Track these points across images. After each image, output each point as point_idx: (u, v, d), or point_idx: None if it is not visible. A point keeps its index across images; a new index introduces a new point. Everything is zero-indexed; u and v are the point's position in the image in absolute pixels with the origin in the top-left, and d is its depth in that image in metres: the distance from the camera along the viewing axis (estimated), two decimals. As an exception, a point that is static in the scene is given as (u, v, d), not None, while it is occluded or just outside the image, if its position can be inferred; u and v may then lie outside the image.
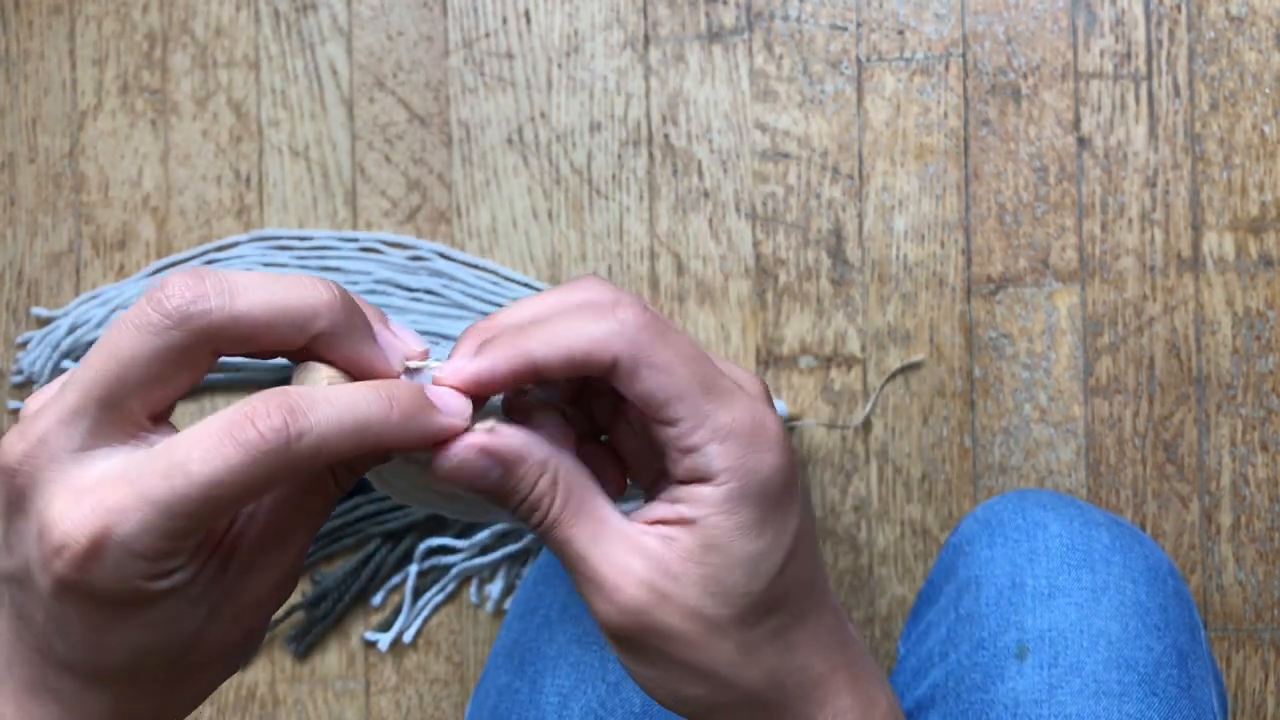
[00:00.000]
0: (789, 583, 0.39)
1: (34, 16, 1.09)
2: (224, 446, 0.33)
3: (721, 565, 0.38)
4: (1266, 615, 0.97)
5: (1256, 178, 0.96)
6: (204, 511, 0.33)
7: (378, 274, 1.03)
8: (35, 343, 1.07)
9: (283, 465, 0.33)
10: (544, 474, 0.38)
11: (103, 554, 0.33)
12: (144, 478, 0.33)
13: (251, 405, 0.33)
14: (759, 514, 0.38)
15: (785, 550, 0.39)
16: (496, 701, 0.66)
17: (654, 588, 0.38)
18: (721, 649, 0.39)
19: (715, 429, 0.37)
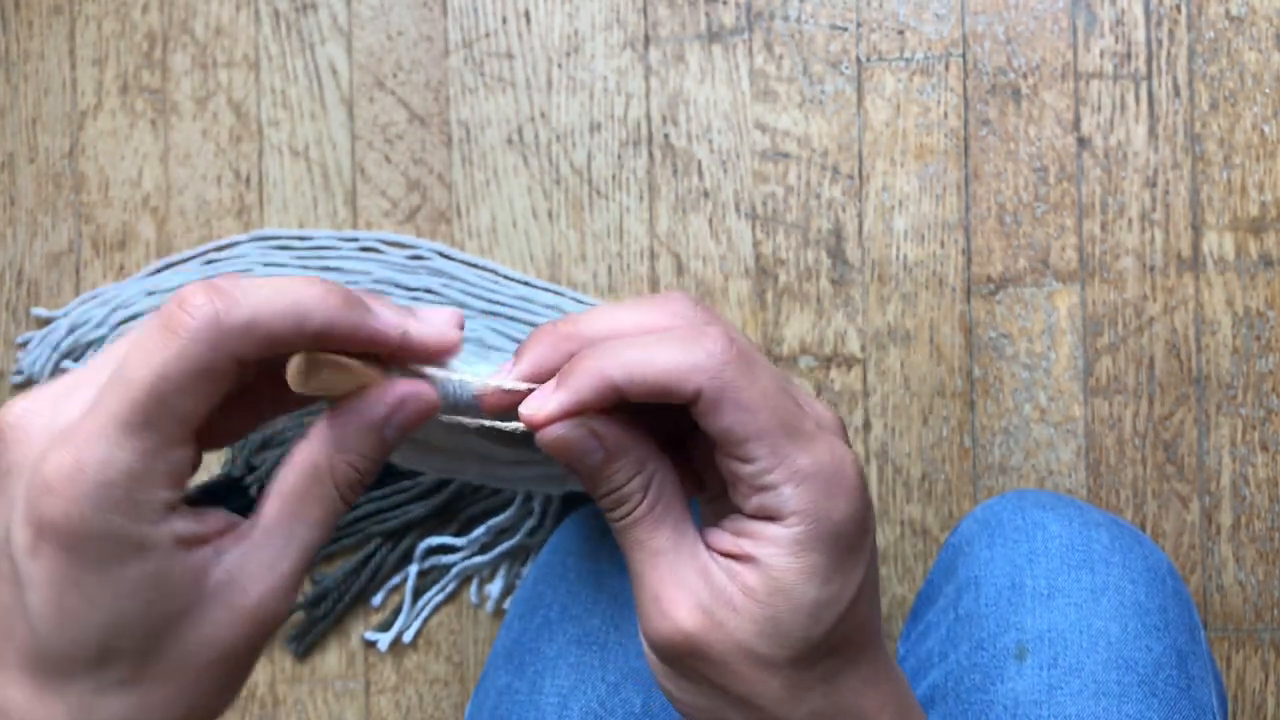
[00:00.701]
0: (849, 629, 0.39)
1: (34, 16, 1.09)
2: (158, 339, 0.33)
3: (783, 608, 0.37)
4: (1266, 615, 0.97)
5: (1256, 177, 0.96)
6: (159, 410, 0.33)
7: (377, 273, 1.03)
8: (35, 343, 1.07)
9: (218, 342, 0.33)
10: (640, 473, 0.38)
11: (79, 487, 0.32)
12: (100, 403, 0.33)
13: (180, 294, 0.33)
14: (828, 561, 0.37)
15: (850, 598, 0.38)
16: (496, 702, 0.66)
17: (711, 615, 0.37)
18: (769, 686, 0.38)
19: (793, 472, 0.37)
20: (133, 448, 0.33)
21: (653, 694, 0.63)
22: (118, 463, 0.32)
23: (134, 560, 0.34)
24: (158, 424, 0.33)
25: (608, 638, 0.65)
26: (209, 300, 0.33)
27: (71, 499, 0.32)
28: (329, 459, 0.38)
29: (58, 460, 0.32)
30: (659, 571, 0.38)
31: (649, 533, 0.38)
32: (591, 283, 1.02)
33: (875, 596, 0.40)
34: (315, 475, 0.38)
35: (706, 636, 0.37)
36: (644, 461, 0.38)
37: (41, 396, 0.35)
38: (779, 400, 0.37)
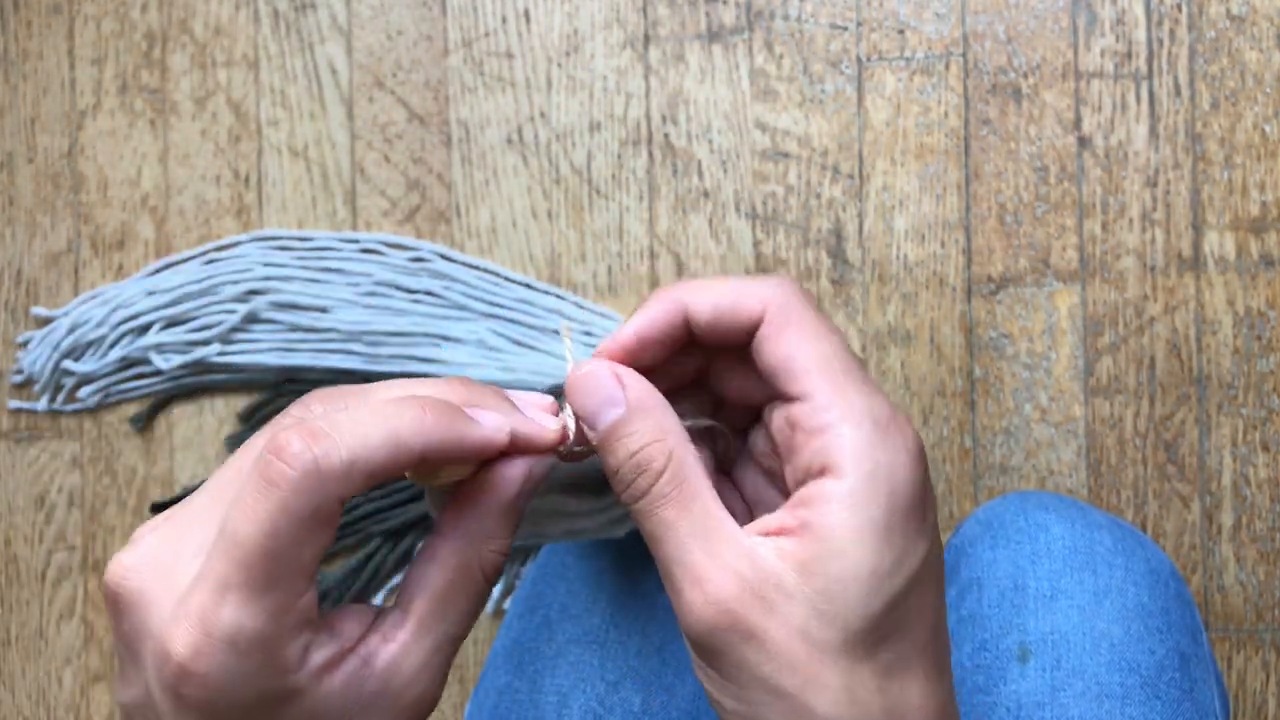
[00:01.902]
0: (910, 612, 0.35)
1: (33, 16, 1.09)
2: (259, 494, 0.32)
3: (837, 576, 0.34)
4: (1267, 616, 0.97)
5: (1257, 177, 0.96)
6: (276, 571, 0.32)
7: (379, 275, 1.03)
8: (36, 343, 1.06)
9: (322, 488, 0.32)
10: (661, 440, 0.36)
11: (211, 661, 0.31)
12: (213, 568, 0.32)
13: (273, 440, 0.32)
14: (887, 518, 0.34)
15: (911, 572, 0.35)
16: (496, 701, 0.66)
17: (760, 595, 0.34)
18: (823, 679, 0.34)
19: (850, 410, 0.35)
20: (259, 610, 0.32)
21: (652, 693, 0.63)
22: (247, 630, 0.31)
23: (285, 709, 0.33)
24: (277, 581, 0.32)
25: (607, 636, 0.65)
26: (305, 447, 0.32)
27: (208, 675, 0.31)
28: (478, 552, 0.37)
29: (185, 638, 0.31)
30: (695, 554, 0.35)
31: (678, 512, 0.36)
32: (591, 283, 1.02)
33: (941, 594, 0.37)
34: (464, 571, 0.37)
35: (756, 617, 0.34)
36: (665, 431, 0.36)
37: (145, 551, 0.34)
38: (839, 341, 0.36)
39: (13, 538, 1.09)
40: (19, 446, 1.09)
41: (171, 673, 0.31)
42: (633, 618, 0.66)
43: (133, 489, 1.07)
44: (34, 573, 1.09)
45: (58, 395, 1.07)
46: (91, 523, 1.08)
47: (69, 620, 1.08)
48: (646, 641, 0.65)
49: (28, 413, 1.08)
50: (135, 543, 0.34)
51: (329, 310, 1.02)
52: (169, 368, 1.03)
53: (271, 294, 1.03)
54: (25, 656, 1.09)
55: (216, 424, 1.06)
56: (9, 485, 1.09)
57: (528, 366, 0.99)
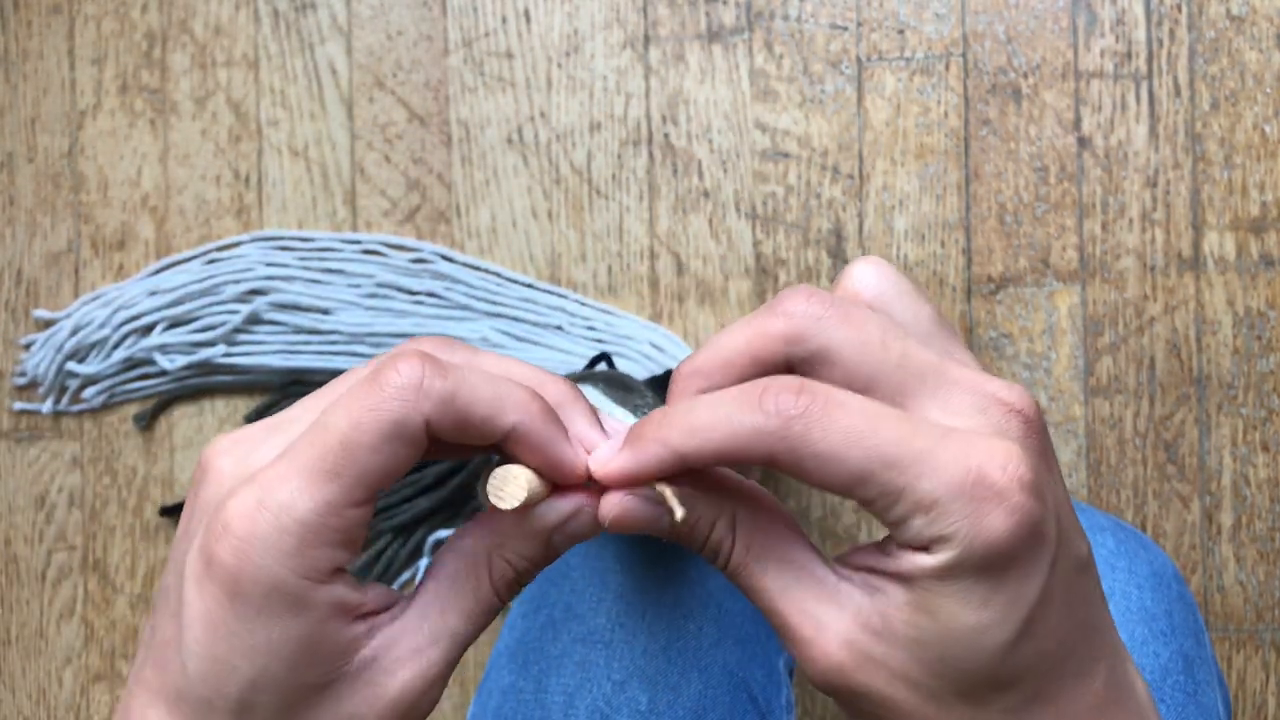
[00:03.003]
0: (1024, 659, 0.32)
1: (33, 16, 1.08)
2: (360, 391, 0.32)
3: (934, 632, 0.32)
4: (1267, 616, 0.97)
5: (1257, 177, 0.96)
6: (345, 462, 0.32)
7: (380, 277, 1.03)
8: (39, 345, 1.06)
9: (414, 407, 0.32)
10: (720, 517, 0.35)
11: (256, 528, 0.31)
12: (294, 449, 0.32)
13: (390, 356, 0.33)
14: (984, 585, 0.31)
15: (1018, 623, 0.32)
16: (500, 701, 0.66)
17: (856, 647, 0.33)
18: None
19: (915, 503, 0.31)
20: (314, 496, 0.32)
21: (659, 691, 0.63)
22: (297, 509, 0.32)
23: (289, 618, 0.33)
24: (342, 476, 0.32)
25: (613, 635, 0.65)
26: (417, 367, 0.32)
27: (245, 539, 0.31)
28: (488, 551, 0.36)
29: (241, 499, 0.32)
30: (787, 614, 0.34)
31: (760, 577, 0.35)
32: (591, 283, 1.02)
33: (1067, 616, 0.33)
34: (473, 565, 0.37)
35: (860, 675, 0.33)
36: (720, 505, 0.35)
37: (242, 436, 0.35)
38: (872, 431, 0.31)
39: (13, 538, 1.09)
40: (19, 446, 1.08)
41: (213, 530, 0.32)
42: (638, 617, 0.66)
43: (133, 489, 1.07)
44: (34, 573, 1.09)
45: (62, 397, 1.07)
46: (91, 523, 1.08)
47: (69, 620, 1.08)
48: (652, 640, 0.65)
49: (28, 413, 1.08)
50: (239, 432, 0.35)
51: (331, 312, 1.02)
52: (174, 368, 1.03)
53: (273, 294, 1.02)
54: (25, 656, 1.09)
55: (217, 424, 1.06)
56: (9, 485, 1.09)
57: (532, 362, 0.99)
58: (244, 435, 0.35)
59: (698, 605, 0.68)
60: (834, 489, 0.32)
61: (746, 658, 0.68)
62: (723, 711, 0.65)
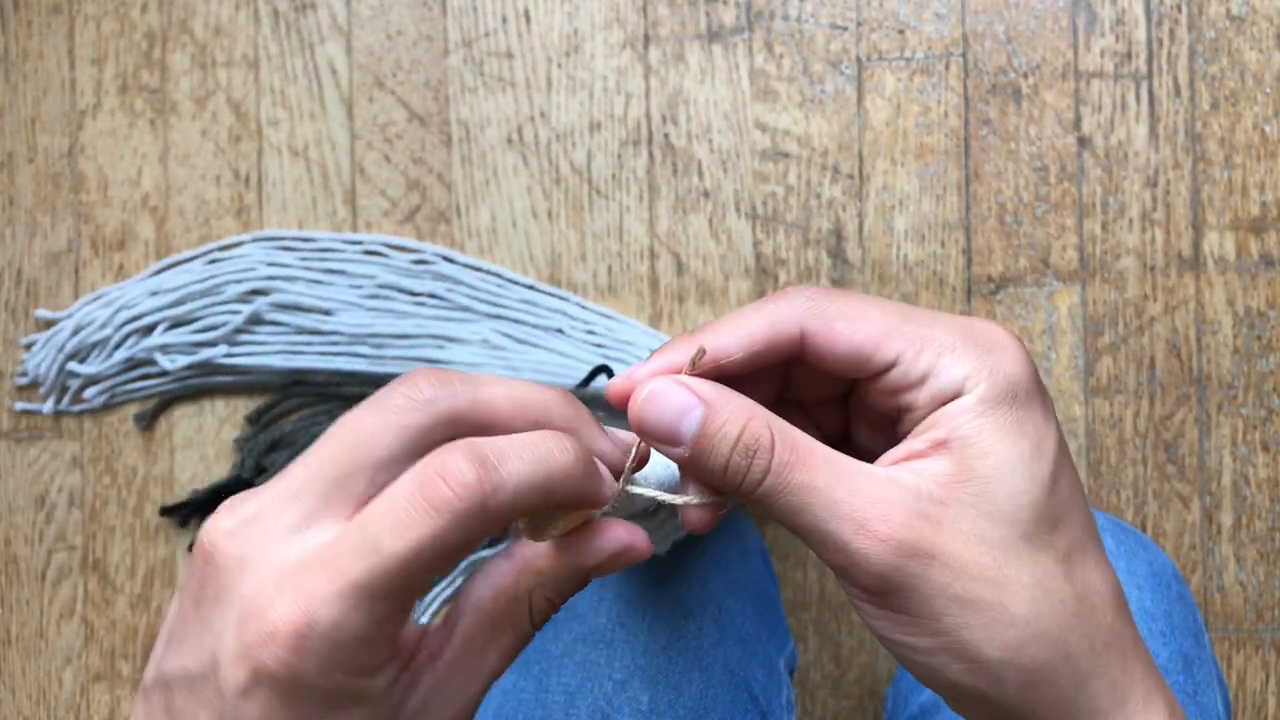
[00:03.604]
0: (1064, 494, 0.35)
1: (33, 16, 1.08)
2: (416, 512, 0.31)
3: (990, 478, 0.34)
4: (1267, 615, 0.97)
5: (1257, 177, 0.96)
6: (404, 585, 0.31)
7: (382, 278, 1.03)
8: (40, 345, 1.06)
9: (480, 524, 0.31)
10: (753, 418, 0.35)
11: (307, 643, 0.30)
12: (339, 559, 0.31)
13: (441, 461, 0.31)
14: (1015, 414, 0.34)
15: (1053, 454, 0.34)
16: (501, 701, 0.66)
17: (924, 515, 0.33)
18: (1012, 581, 0.33)
19: (940, 346, 0.34)
20: (369, 614, 0.31)
21: (660, 691, 0.63)
22: (351, 627, 0.31)
23: (351, 709, 0.32)
24: (397, 595, 0.31)
25: (614, 635, 0.65)
26: (478, 481, 0.31)
27: (297, 653, 0.30)
28: (529, 591, 0.36)
29: (288, 612, 0.30)
30: (846, 503, 0.34)
31: (808, 472, 0.34)
32: (591, 283, 1.02)
33: (1075, 468, 0.36)
34: (514, 603, 0.36)
35: (930, 537, 0.33)
36: (752, 409, 0.35)
37: (250, 513, 0.33)
38: (885, 301, 0.35)
39: (13, 538, 1.09)
40: (19, 446, 1.08)
41: (258, 639, 0.31)
42: (639, 616, 0.66)
43: (133, 489, 1.07)
44: (34, 573, 1.09)
45: (63, 397, 1.07)
46: (91, 523, 1.08)
47: (69, 620, 1.08)
48: (653, 640, 0.65)
49: (29, 413, 1.08)
50: (234, 508, 0.33)
51: (333, 312, 1.02)
52: (175, 368, 1.03)
53: (275, 295, 1.02)
54: (25, 656, 1.09)
55: (217, 424, 1.06)
56: (9, 485, 1.09)
57: (531, 364, 0.99)
58: (253, 513, 0.33)
59: (698, 605, 0.68)
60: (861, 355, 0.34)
61: (747, 657, 0.68)
62: (723, 711, 0.65)
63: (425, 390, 0.33)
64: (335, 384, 1.02)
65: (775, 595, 0.77)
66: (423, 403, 0.33)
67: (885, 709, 0.79)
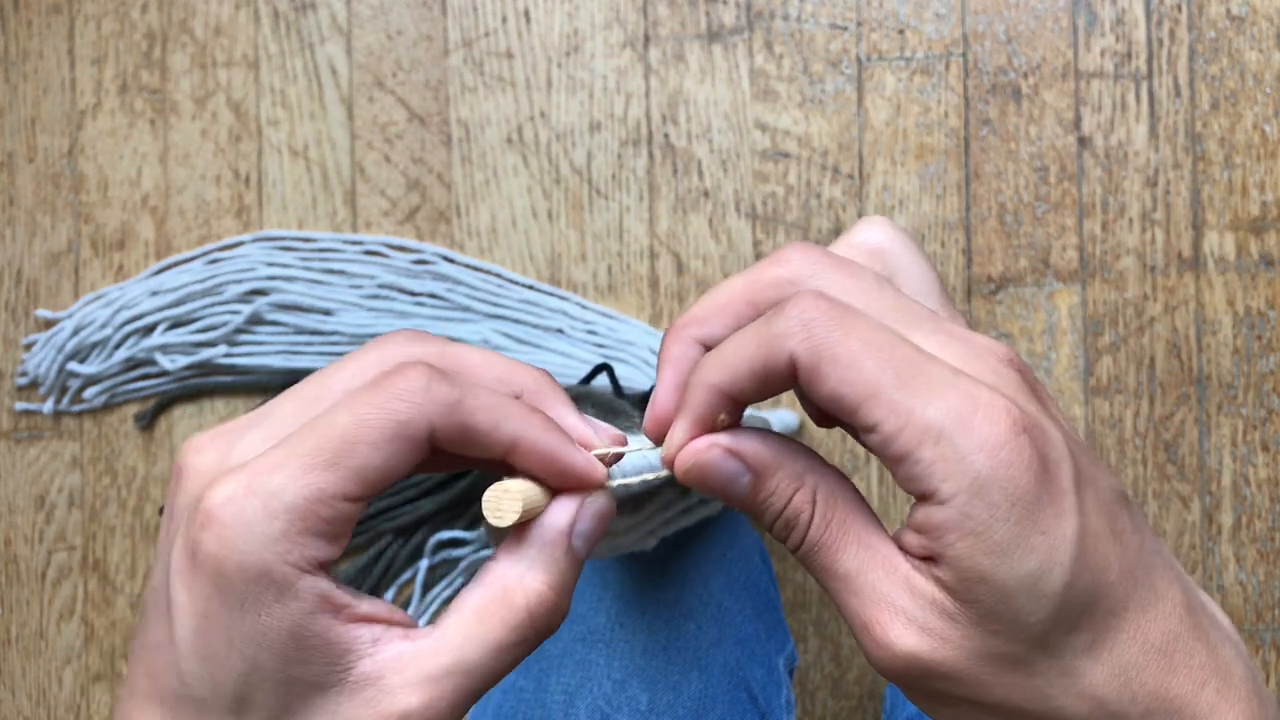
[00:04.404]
0: (1085, 595, 0.32)
1: (33, 16, 1.08)
2: (365, 392, 0.32)
3: (991, 598, 0.31)
4: (1267, 615, 0.97)
5: (1257, 177, 0.96)
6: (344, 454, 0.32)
7: (382, 278, 1.03)
8: (40, 345, 1.06)
9: (419, 409, 0.32)
10: (801, 487, 0.34)
11: (242, 513, 0.31)
12: (291, 438, 0.32)
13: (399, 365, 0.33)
14: (1011, 529, 0.31)
15: (1067, 560, 0.31)
16: (501, 700, 0.66)
17: (929, 630, 0.32)
18: (1027, 686, 0.32)
19: (922, 430, 0.31)
20: (306, 483, 0.31)
21: (659, 691, 0.63)
22: (286, 494, 0.31)
23: (276, 606, 0.32)
24: (339, 467, 0.32)
25: (613, 635, 0.65)
26: (424, 371, 0.33)
27: (230, 524, 0.31)
28: (518, 577, 0.35)
29: (226, 486, 0.31)
30: (859, 597, 0.33)
31: (832, 556, 0.34)
32: (591, 282, 1.02)
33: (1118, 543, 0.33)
34: (501, 595, 0.35)
35: (932, 656, 0.32)
36: (801, 476, 0.34)
37: (219, 432, 0.35)
38: (887, 350, 0.32)
39: (13, 538, 1.09)
40: (19, 446, 1.08)
41: (197, 521, 0.31)
42: (638, 616, 0.66)
43: (133, 489, 1.07)
44: (34, 573, 1.09)
45: (63, 397, 1.07)
46: (91, 523, 1.08)
47: (69, 620, 1.08)
48: (653, 639, 0.65)
49: (28, 413, 1.08)
50: (215, 429, 0.35)
51: (333, 313, 1.03)
52: (175, 368, 1.03)
53: (275, 295, 1.03)
54: (25, 656, 1.09)
55: (217, 424, 1.06)
56: (9, 485, 1.09)
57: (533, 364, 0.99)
58: (221, 431, 0.35)
59: (698, 605, 0.68)
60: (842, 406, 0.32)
61: (746, 657, 0.68)
62: (722, 710, 0.65)
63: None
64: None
65: (775, 595, 0.77)
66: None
67: (884, 710, 0.79)
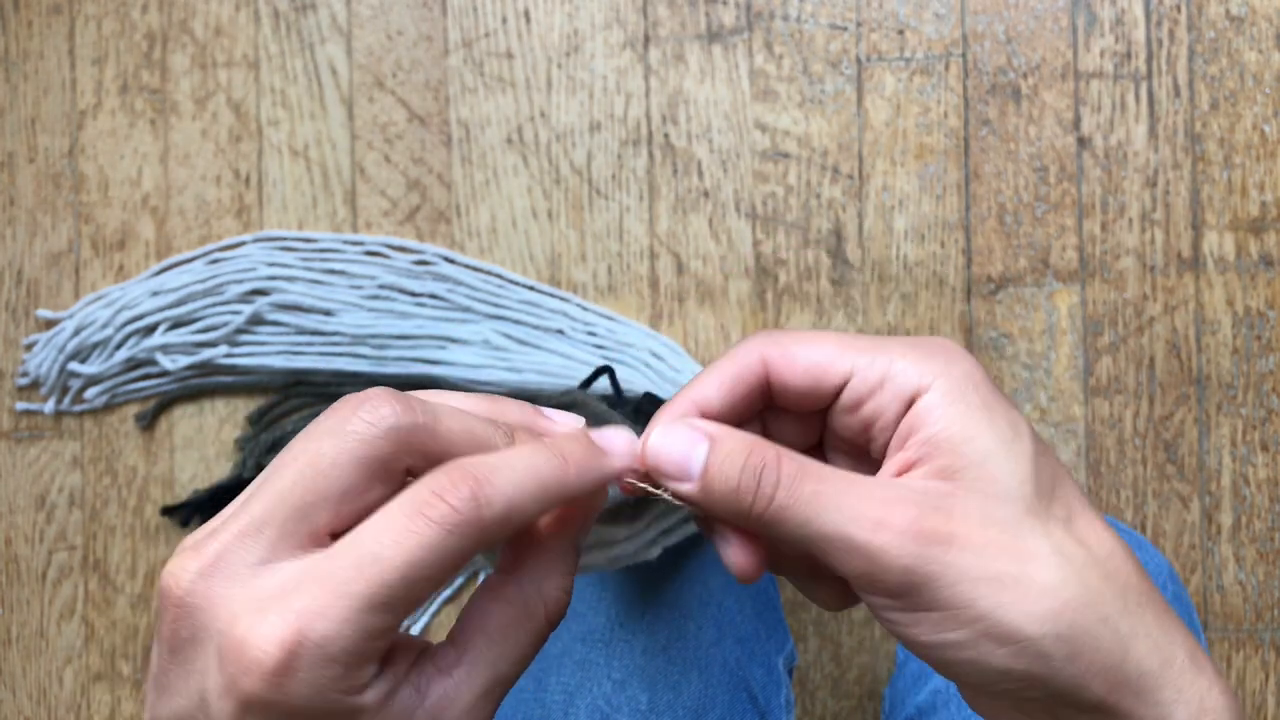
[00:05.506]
0: (1047, 467, 0.36)
1: (34, 16, 1.08)
2: (415, 526, 0.31)
3: (982, 460, 0.35)
4: (1267, 615, 0.97)
5: (1257, 177, 0.96)
6: (404, 597, 0.31)
7: (383, 278, 1.03)
8: (41, 345, 1.06)
9: (476, 535, 0.32)
10: (757, 442, 0.36)
11: (297, 662, 0.30)
12: (335, 573, 0.31)
13: (435, 480, 0.32)
14: (983, 399, 0.36)
15: (1029, 434, 0.36)
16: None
17: (933, 505, 0.34)
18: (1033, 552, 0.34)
19: (891, 354, 0.37)
20: (362, 627, 0.31)
21: (659, 691, 0.63)
22: (343, 641, 0.30)
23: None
24: (394, 608, 0.31)
25: (613, 635, 0.65)
26: (472, 494, 0.32)
27: (284, 675, 0.30)
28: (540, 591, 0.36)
29: (274, 634, 0.30)
30: (858, 503, 0.34)
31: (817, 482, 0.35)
32: (591, 283, 1.02)
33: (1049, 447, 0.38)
34: (525, 609, 0.36)
35: (946, 525, 0.34)
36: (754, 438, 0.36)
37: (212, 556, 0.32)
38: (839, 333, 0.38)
39: (13, 538, 1.09)
40: (20, 446, 1.09)
41: (245, 668, 0.30)
42: (638, 616, 0.66)
43: (133, 489, 1.07)
44: (34, 572, 1.09)
45: (64, 397, 1.07)
46: (92, 523, 1.08)
47: (69, 620, 1.08)
48: (652, 640, 0.65)
49: (29, 413, 1.08)
50: (197, 550, 0.32)
51: (334, 313, 1.03)
52: (176, 369, 1.03)
53: (275, 295, 1.03)
54: (26, 656, 1.09)
55: (217, 424, 1.06)
56: (10, 485, 1.09)
57: (534, 366, 0.99)
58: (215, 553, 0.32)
59: (697, 604, 0.68)
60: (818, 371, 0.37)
61: (746, 656, 0.68)
62: (722, 710, 0.65)
63: (387, 418, 0.33)
64: (336, 384, 1.02)
65: (774, 595, 0.77)
66: (384, 431, 0.33)
67: (883, 709, 0.79)
